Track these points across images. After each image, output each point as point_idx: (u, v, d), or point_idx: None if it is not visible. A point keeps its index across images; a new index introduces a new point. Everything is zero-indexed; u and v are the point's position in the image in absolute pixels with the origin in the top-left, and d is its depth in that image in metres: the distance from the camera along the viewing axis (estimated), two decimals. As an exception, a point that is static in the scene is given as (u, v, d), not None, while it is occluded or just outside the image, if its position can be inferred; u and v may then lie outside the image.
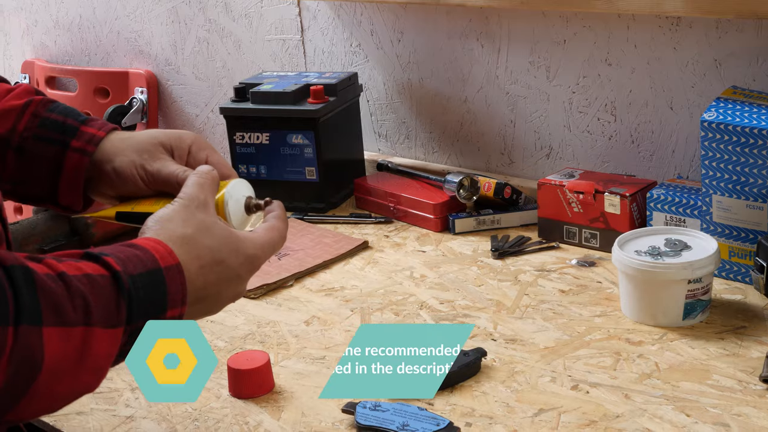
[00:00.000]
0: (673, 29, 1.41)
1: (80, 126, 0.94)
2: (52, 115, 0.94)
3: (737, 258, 1.24)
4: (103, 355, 0.70)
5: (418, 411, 0.97)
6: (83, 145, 0.93)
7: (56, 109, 0.95)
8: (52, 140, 0.93)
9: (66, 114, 0.95)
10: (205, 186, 0.84)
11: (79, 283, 0.69)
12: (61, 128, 0.94)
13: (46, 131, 0.94)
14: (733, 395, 1.00)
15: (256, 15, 1.94)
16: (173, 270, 0.75)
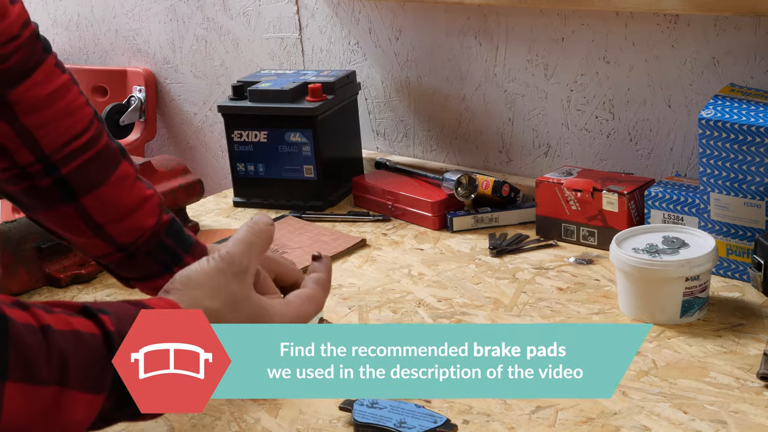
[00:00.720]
0: (671, 27, 1.41)
1: (185, 256, 1.01)
2: (168, 240, 1.01)
3: (735, 255, 1.24)
4: (75, 422, 0.63)
5: (416, 408, 0.97)
6: None
7: (172, 234, 1.01)
8: (160, 261, 1.00)
9: (179, 241, 1.01)
10: (254, 247, 0.76)
11: (62, 339, 0.63)
12: (171, 253, 1.00)
13: (158, 251, 1.00)
14: (730, 392, 1.00)
15: (254, 13, 1.94)
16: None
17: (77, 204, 0.97)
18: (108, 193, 0.98)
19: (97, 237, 0.99)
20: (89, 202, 0.98)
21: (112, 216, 0.98)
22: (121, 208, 0.99)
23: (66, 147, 0.96)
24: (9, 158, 0.95)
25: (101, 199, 0.98)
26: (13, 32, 0.92)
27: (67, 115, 0.96)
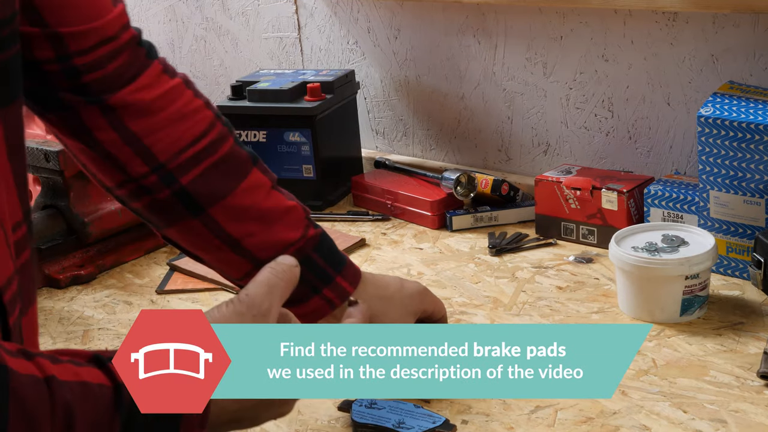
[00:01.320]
0: (669, 25, 1.40)
1: (336, 277, 0.96)
2: (316, 257, 0.95)
3: (735, 254, 1.24)
4: None
5: (414, 408, 0.97)
6: (334, 297, 0.97)
7: (322, 251, 0.96)
8: (307, 281, 0.93)
9: (330, 260, 0.96)
10: (275, 289, 0.72)
11: (68, 391, 0.60)
12: (320, 273, 0.96)
13: (305, 270, 0.88)
14: (730, 391, 0.99)
15: (253, 13, 1.94)
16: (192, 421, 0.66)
17: (205, 216, 0.91)
18: (239, 203, 0.92)
19: (234, 253, 0.93)
20: (218, 214, 0.91)
21: (247, 229, 0.92)
22: (258, 219, 0.92)
23: (183, 153, 0.89)
24: (121, 170, 0.89)
25: (232, 210, 0.91)
26: (109, 33, 0.87)
27: (181, 119, 0.90)
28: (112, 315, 1.30)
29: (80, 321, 1.29)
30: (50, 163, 1.37)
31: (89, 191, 1.42)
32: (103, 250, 1.44)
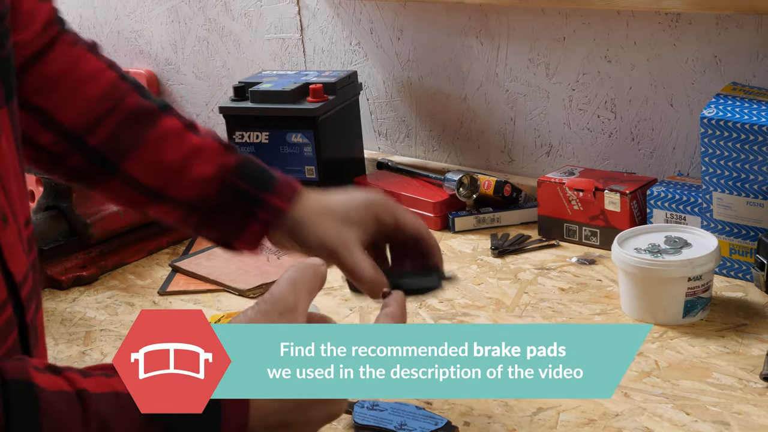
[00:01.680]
0: (672, 26, 1.40)
1: (267, 197, 0.91)
2: (240, 182, 0.91)
3: (738, 255, 1.24)
4: None
5: (416, 410, 0.97)
6: (269, 218, 0.91)
7: (244, 176, 0.91)
8: (239, 209, 0.91)
9: (255, 182, 0.91)
10: (298, 284, 0.70)
11: (101, 403, 0.58)
12: (248, 198, 0.91)
13: (234, 200, 0.90)
14: (733, 393, 0.99)
15: (256, 14, 1.94)
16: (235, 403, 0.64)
17: (121, 173, 0.90)
18: (151, 154, 0.90)
19: (159, 203, 0.91)
20: (133, 169, 0.90)
21: (164, 177, 0.90)
22: (172, 166, 0.90)
23: (88, 116, 0.89)
24: (32, 144, 0.88)
25: (145, 163, 0.90)
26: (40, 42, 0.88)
27: (83, 84, 0.89)
28: (114, 316, 1.30)
29: (82, 322, 1.29)
30: (52, 164, 1.37)
31: (91, 192, 1.42)
32: (105, 252, 1.44)
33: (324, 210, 0.91)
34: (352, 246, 0.89)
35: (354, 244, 0.90)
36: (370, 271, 0.88)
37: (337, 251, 0.89)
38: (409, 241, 0.94)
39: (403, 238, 0.94)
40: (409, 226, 0.93)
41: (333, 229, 0.90)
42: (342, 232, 0.90)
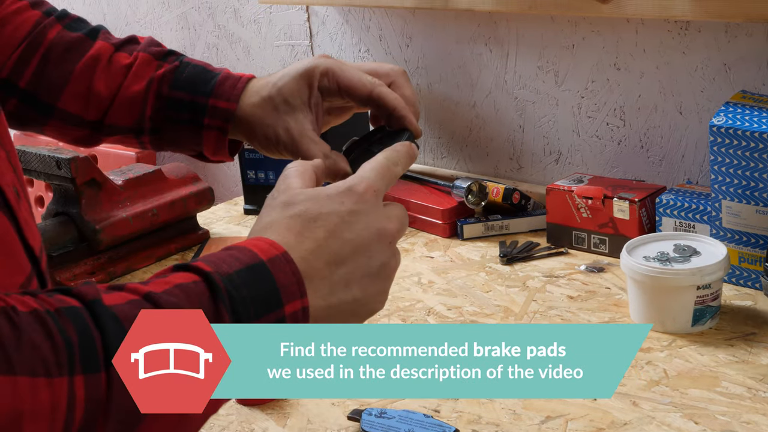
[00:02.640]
0: (681, 33, 1.40)
1: (209, 100, 0.86)
2: (177, 93, 0.87)
3: (747, 264, 1.23)
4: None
5: (424, 418, 0.97)
6: (219, 124, 0.87)
7: (180, 84, 0.87)
8: (185, 121, 0.87)
9: (193, 88, 0.87)
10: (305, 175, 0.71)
11: (169, 296, 0.60)
12: (190, 107, 0.87)
13: (175, 113, 0.87)
14: (742, 402, 0.99)
15: (265, 21, 1.94)
16: (279, 260, 0.63)
17: (59, 112, 0.87)
18: (81, 86, 0.87)
19: (107, 133, 0.89)
20: (69, 105, 0.87)
21: (100, 106, 0.88)
22: (104, 92, 0.88)
23: (11, 58, 0.86)
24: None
25: (77, 95, 0.87)
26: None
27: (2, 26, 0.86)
28: (122, 322, 1.30)
29: (91, 328, 1.29)
30: (62, 170, 1.37)
31: (100, 198, 1.42)
32: (114, 258, 1.45)
33: (265, 102, 0.86)
34: (299, 136, 0.85)
35: (302, 134, 0.85)
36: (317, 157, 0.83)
37: (286, 145, 0.85)
38: (366, 105, 0.88)
39: (358, 102, 0.88)
40: (356, 88, 0.86)
41: (277, 122, 0.86)
42: (287, 123, 0.86)
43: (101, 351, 0.54)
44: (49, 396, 0.51)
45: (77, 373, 0.53)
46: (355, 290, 0.66)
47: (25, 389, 0.50)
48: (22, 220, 0.65)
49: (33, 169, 1.42)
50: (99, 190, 1.42)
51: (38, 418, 0.51)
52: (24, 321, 0.52)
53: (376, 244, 0.67)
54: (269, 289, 0.62)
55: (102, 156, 2.24)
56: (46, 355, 0.52)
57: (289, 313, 0.63)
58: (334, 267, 0.65)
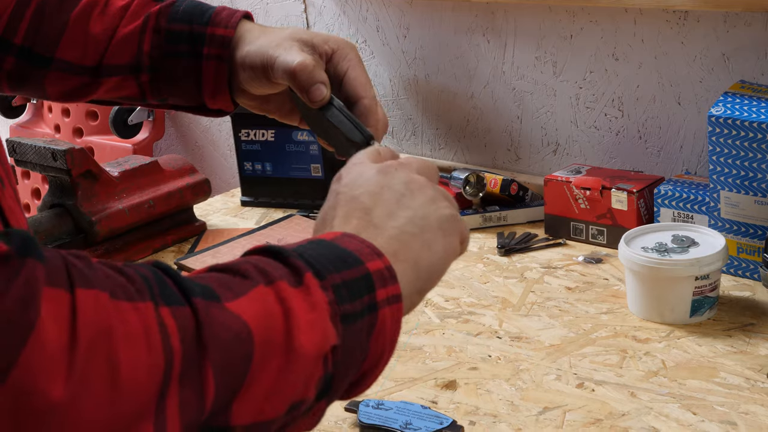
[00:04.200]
0: (680, 23, 1.39)
1: (207, 28, 0.86)
2: (175, 26, 0.86)
3: (746, 254, 1.23)
4: (305, 309, 0.55)
5: (422, 409, 0.96)
6: (218, 51, 0.86)
7: (178, 16, 0.87)
8: (183, 53, 0.86)
9: (190, 19, 0.86)
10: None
11: (235, 262, 0.57)
12: (188, 38, 0.86)
13: (174, 46, 0.86)
14: (740, 393, 0.99)
15: (262, 11, 1.94)
16: (340, 238, 0.62)
17: (56, 62, 0.87)
18: (77, 33, 0.88)
19: (105, 77, 0.88)
20: (66, 54, 0.87)
21: (97, 50, 0.87)
22: (100, 35, 0.87)
23: (1, 17, 0.86)
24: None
25: (74, 42, 0.87)
26: None
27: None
28: (119, 314, 1.30)
29: (87, 320, 1.28)
30: (57, 162, 1.37)
31: (97, 190, 1.42)
32: (110, 249, 1.44)
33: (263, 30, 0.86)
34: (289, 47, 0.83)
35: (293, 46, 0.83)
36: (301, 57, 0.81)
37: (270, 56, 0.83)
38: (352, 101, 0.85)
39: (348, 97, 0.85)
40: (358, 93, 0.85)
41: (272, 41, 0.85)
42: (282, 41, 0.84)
43: (178, 289, 0.51)
44: (138, 318, 0.48)
45: (161, 304, 0.50)
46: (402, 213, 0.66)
47: (108, 306, 0.47)
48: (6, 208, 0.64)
49: (29, 161, 1.42)
50: (95, 181, 1.41)
51: (132, 339, 0.47)
52: (92, 262, 0.50)
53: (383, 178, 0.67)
54: (342, 252, 0.60)
55: (98, 148, 2.23)
56: (122, 282, 0.49)
57: (374, 270, 0.59)
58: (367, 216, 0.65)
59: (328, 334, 0.56)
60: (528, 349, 1.11)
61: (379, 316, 0.59)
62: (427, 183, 0.69)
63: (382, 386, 1.05)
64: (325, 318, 0.56)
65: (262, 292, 0.55)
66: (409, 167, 0.70)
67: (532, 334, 1.14)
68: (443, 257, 0.67)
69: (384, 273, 0.60)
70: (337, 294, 0.57)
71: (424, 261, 0.65)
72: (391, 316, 0.60)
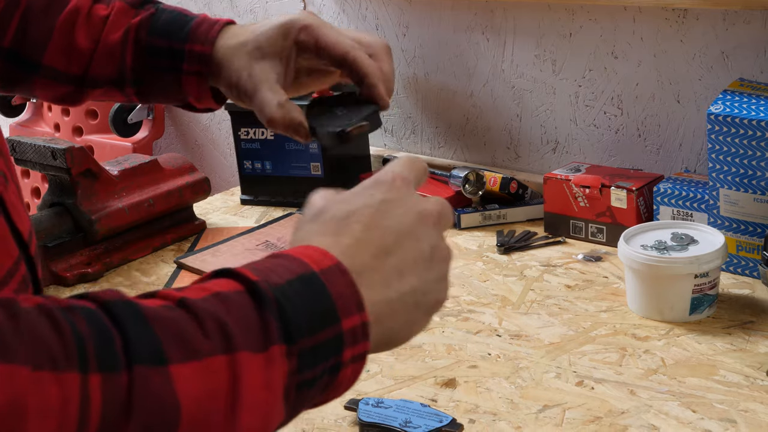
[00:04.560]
0: (679, 21, 1.39)
1: (185, 46, 0.85)
2: (154, 40, 0.86)
3: (745, 252, 1.23)
4: (258, 386, 0.51)
5: (421, 408, 0.96)
6: (197, 68, 0.86)
7: (157, 30, 0.86)
8: (165, 68, 0.86)
9: (169, 34, 0.86)
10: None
11: (206, 304, 0.52)
12: (168, 53, 0.86)
13: (155, 60, 0.86)
14: (740, 391, 0.99)
15: (261, 10, 1.94)
16: (332, 271, 0.55)
17: (44, 69, 0.88)
18: (63, 41, 0.88)
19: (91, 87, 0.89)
20: (53, 60, 0.88)
21: (82, 60, 0.88)
22: (84, 45, 0.88)
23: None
24: None
25: (60, 50, 0.88)
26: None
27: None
28: (119, 313, 1.30)
29: (87, 319, 1.29)
30: (57, 160, 1.37)
31: (96, 189, 1.42)
32: (110, 248, 1.44)
33: (239, 46, 0.85)
34: (259, 83, 0.83)
35: (263, 81, 0.83)
36: (272, 108, 0.81)
37: (246, 91, 0.83)
38: (340, 67, 0.84)
39: (332, 63, 0.84)
40: (332, 47, 0.83)
41: (244, 66, 0.84)
42: (252, 68, 0.83)
43: (121, 350, 0.47)
44: (58, 391, 0.45)
45: (92, 371, 0.46)
46: (411, 278, 0.58)
47: (26, 380, 0.45)
48: (9, 204, 0.64)
49: (28, 160, 1.42)
50: (95, 180, 1.41)
51: (45, 414, 0.45)
52: (25, 312, 0.47)
53: (419, 226, 0.60)
54: (325, 301, 0.54)
55: (98, 147, 2.23)
56: (51, 346, 0.46)
57: (347, 329, 0.54)
58: (383, 257, 0.58)
59: (274, 415, 0.52)
60: (527, 347, 1.11)
61: (339, 376, 0.55)
62: (449, 256, 0.62)
63: (381, 384, 1.05)
64: (277, 397, 0.52)
65: (216, 364, 0.50)
66: (446, 225, 0.64)
67: (532, 332, 1.14)
68: (412, 334, 0.60)
69: (357, 330, 0.55)
70: (300, 361, 0.53)
71: (394, 334, 0.59)
72: (352, 372, 0.56)
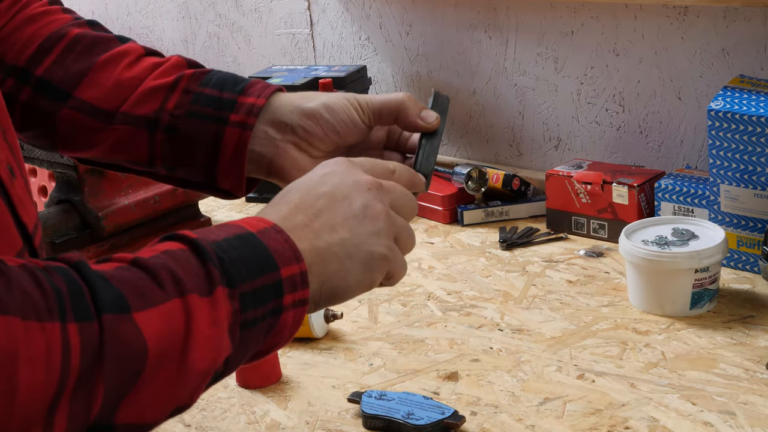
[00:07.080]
0: (680, 19, 1.40)
1: (238, 97, 0.81)
2: (206, 89, 0.82)
3: (745, 247, 1.24)
4: (207, 324, 0.58)
5: (423, 400, 0.98)
6: (243, 118, 0.81)
7: (211, 82, 0.83)
8: (208, 116, 0.81)
9: (222, 86, 0.82)
10: None
11: (157, 260, 0.59)
12: (217, 103, 0.81)
13: (199, 107, 0.81)
14: (739, 384, 1.00)
15: (266, 9, 1.95)
16: (268, 231, 0.64)
17: (74, 100, 0.84)
18: (104, 74, 0.84)
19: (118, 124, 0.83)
20: (86, 93, 0.84)
21: (119, 95, 0.83)
22: (127, 81, 0.83)
23: (28, 48, 0.84)
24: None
25: (97, 83, 0.84)
26: None
27: (29, 22, 0.85)
28: (125, 308, 1.31)
29: (94, 314, 1.30)
30: (64, 158, 1.38)
31: (103, 186, 1.43)
32: (117, 245, 1.45)
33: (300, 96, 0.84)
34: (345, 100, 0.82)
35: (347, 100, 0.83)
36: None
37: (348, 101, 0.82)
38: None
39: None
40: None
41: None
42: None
43: (91, 302, 0.55)
44: (43, 339, 0.52)
45: (69, 320, 0.53)
46: (341, 231, 0.67)
47: (18, 330, 0.51)
48: (15, 197, 0.66)
49: (36, 157, 1.43)
50: (101, 177, 1.43)
51: (34, 360, 0.52)
52: (13, 270, 0.54)
53: (353, 190, 0.68)
54: (261, 253, 0.62)
55: (104, 145, 2.25)
56: (36, 300, 0.53)
57: (286, 276, 0.62)
58: (314, 216, 0.66)
59: (222, 349, 0.60)
60: (529, 341, 1.12)
61: (281, 319, 0.63)
62: (387, 217, 0.69)
63: (384, 378, 1.06)
64: (222, 333, 0.59)
65: (171, 306, 0.57)
66: (388, 194, 0.70)
67: (534, 327, 1.15)
68: (352, 288, 0.68)
69: (296, 278, 0.63)
70: (242, 302, 0.60)
71: (332, 284, 0.67)
72: (293, 317, 0.63)
